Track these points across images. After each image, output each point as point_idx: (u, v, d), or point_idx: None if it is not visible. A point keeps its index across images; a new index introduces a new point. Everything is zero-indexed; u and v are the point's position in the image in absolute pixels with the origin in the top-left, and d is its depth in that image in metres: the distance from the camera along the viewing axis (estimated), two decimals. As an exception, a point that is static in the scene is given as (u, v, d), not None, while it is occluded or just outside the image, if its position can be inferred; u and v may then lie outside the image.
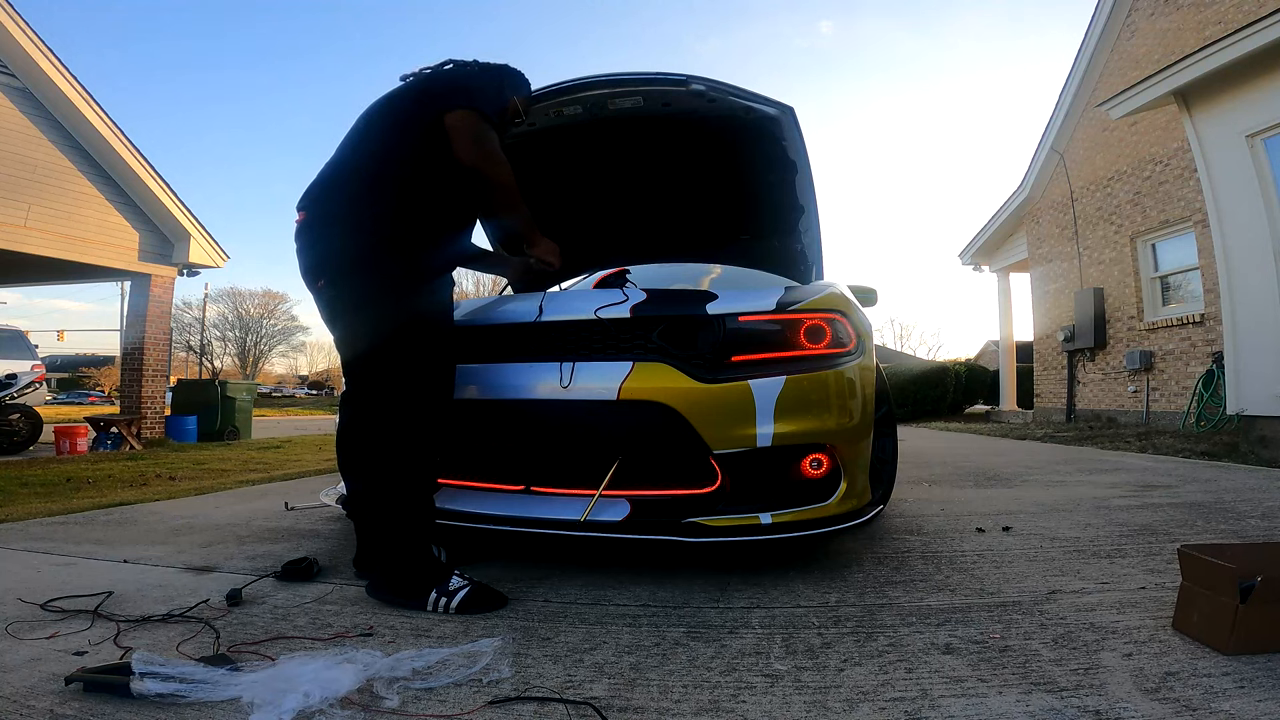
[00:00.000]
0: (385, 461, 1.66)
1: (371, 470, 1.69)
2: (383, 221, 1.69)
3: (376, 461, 1.67)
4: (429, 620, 1.53)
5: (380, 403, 1.70)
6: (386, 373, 1.70)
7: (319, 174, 1.82)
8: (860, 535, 2.30)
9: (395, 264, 1.68)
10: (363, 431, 1.75)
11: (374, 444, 1.69)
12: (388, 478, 1.66)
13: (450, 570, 1.65)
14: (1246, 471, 4.06)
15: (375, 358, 1.71)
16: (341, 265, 1.72)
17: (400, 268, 1.68)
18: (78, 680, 1.15)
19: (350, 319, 1.76)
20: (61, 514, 3.04)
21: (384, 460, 1.66)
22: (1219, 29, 6.78)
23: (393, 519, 1.65)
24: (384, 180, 1.72)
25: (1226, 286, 5.08)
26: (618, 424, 1.82)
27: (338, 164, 1.81)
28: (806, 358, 1.86)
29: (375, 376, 1.73)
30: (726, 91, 2.52)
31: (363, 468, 1.74)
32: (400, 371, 1.68)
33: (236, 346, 50.07)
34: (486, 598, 1.61)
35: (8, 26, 6.93)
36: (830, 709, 1.10)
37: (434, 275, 1.76)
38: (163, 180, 8.62)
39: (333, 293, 1.75)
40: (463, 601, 1.58)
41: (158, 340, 9.04)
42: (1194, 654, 1.28)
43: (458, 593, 1.59)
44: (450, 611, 1.56)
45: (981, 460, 5.10)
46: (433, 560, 1.67)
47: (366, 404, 1.75)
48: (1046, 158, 10.66)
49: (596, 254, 3.68)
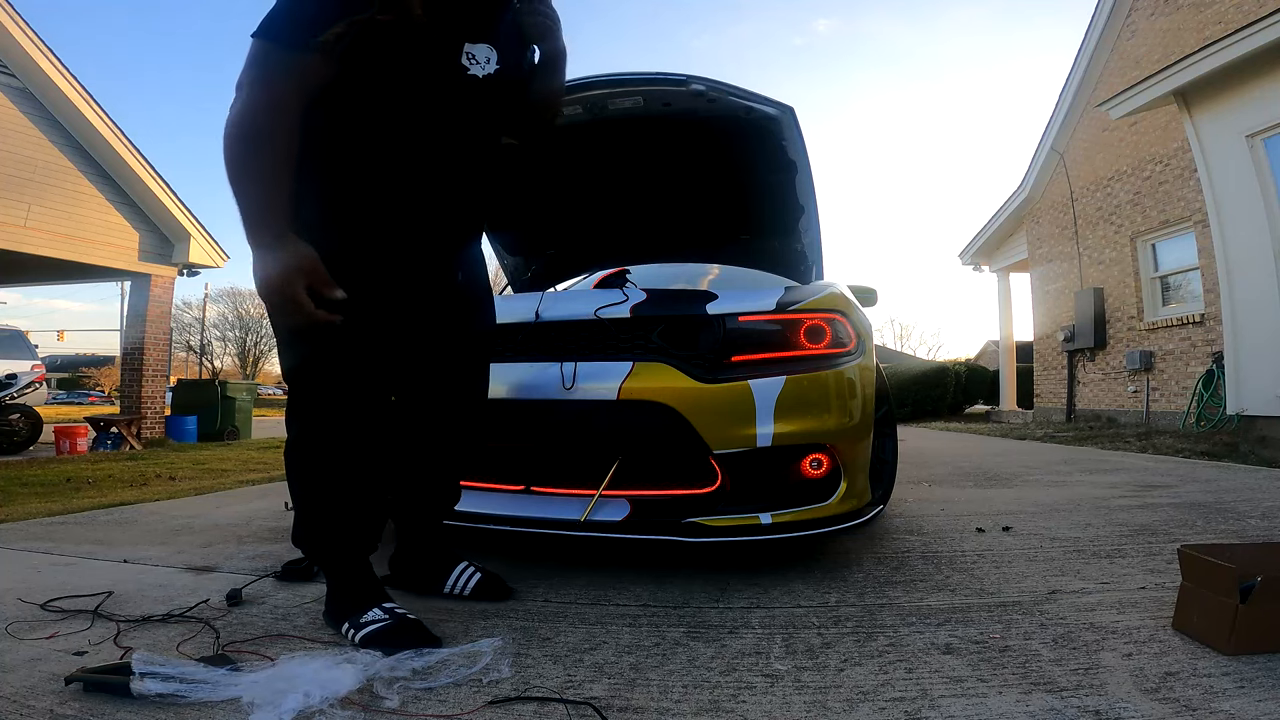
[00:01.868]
0: (434, 453, 1.68)
1: (419, 461, 1.68)
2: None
3: (428, 452, 1.68)
4: (429, 620, 1.53)
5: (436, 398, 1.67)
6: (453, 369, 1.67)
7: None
8: (860, 535, 2.30)
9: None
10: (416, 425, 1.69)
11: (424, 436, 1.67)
12: (432, 470, 1.69)
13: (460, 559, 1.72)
14: (1246, 471, 4.06)
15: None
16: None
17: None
18: (78, 680, 1.15)
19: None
20: (61, 514, 3.04)
21: (434, 451, 1.68)
22: (1219, 29, 6.78)
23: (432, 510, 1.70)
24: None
25: (1226, 286, 5.08)
26: (618, 424, 1.82)
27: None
28: (806, 358, 1.86)
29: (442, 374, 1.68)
30: (726, 91, 2.52)
31: (411, 461, 1.69)
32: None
33: (236, 346, 50.04)
34: (496, 586, 1.68)
35: (8, 26, 6.93)
36: (830, 709, 1.10)
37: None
38: (163, 180, 8.63)
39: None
40: (477, 586, 1.66)
41: (158, 340, 9.04)
42: (1194, 654, 1.28)
43: (472, 578, 1.66)
44: (465, 594, 1.65)
45: (981, 460, 5.10)
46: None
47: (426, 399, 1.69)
48: (1046, 158, 10.66)
49: (596, 254, 3.69)
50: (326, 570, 1.51)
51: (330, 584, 1.50)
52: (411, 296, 1.51)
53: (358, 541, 1.49)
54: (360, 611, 1.40)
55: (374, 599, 1.44)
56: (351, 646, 1.34)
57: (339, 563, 1.49)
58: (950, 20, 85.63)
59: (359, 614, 1.40)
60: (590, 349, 1.92)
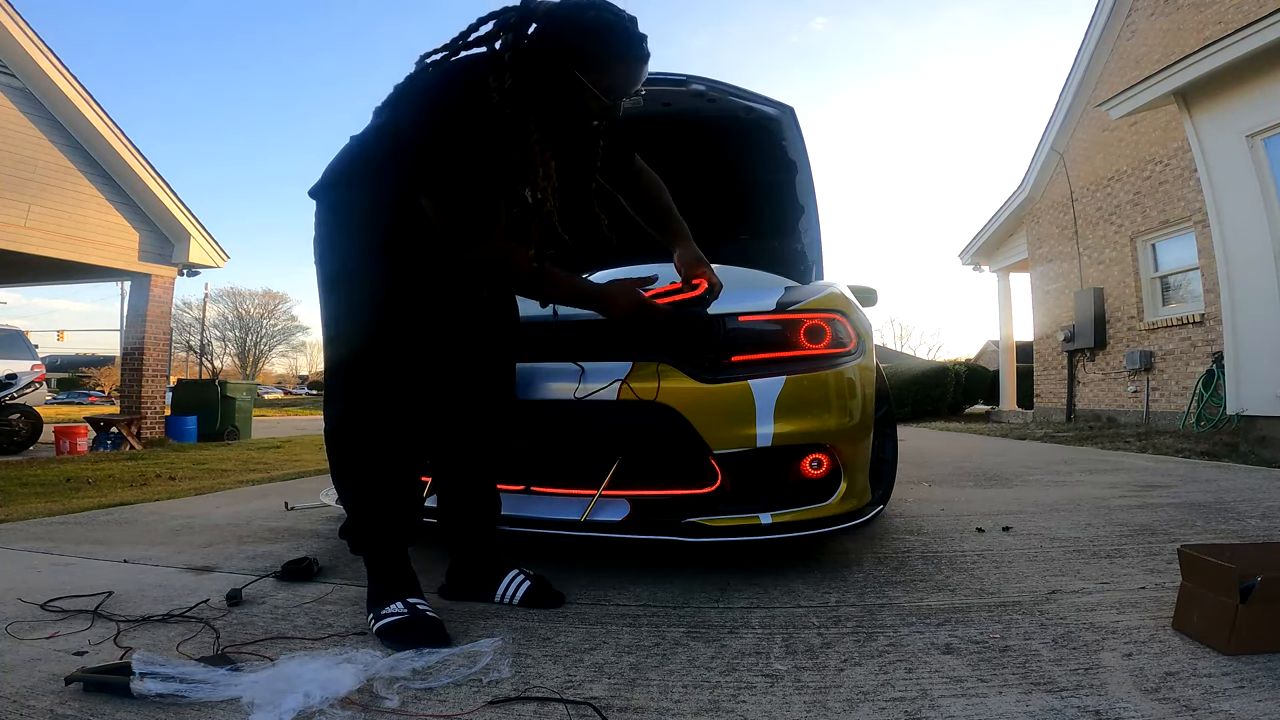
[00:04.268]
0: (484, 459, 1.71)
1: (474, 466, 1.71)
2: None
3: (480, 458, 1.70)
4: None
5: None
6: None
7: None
8: (860, 535, 2.30)
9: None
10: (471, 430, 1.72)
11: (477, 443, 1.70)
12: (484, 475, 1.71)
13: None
14: (1246, 471, 4.06)
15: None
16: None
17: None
18: (78, 680, 1.15)
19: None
20: (61, 514, 3.04)
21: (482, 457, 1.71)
22: (1219, 29, 6.78)
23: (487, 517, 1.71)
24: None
25: (1226, 286, 5.08)
26: (618, 424, 1.82)
27: None
28: (806, 358, 1.86)
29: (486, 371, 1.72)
30: (726, 91, 2.52)
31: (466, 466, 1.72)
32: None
33: (236, 346, 50.11)
34: (546, 593, 1.65)
35: (8, 26, 6.93)
36: (830, 709, 1.10)
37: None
38: (163, 180, 8.63)
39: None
40: (526, 594, 1.63)
41: (158, 340, 9.04)
42: (1194, 654, 1.28)
43: (521, 585, 1.64)
44: (515, 602, 1.62)
45: (982, 460, 5.10)
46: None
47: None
48: (1046, 158, 10.65)
49: (596, 254, 3.68)
50: (365, 560, 1.55)
51: (368, 574, 1.54)
52: (458, 306, 1.62)
53: (395, 533, 1.53)
54: (386, 603, 1.45)
55: (401, 592, 1.47)
56: (353, 645, 1.34)
57: (375, 553, 1.53)
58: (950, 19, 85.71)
59: (383, 605, 1.45)
60: (590, 348, 1.92)
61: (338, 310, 1.56)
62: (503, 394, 1.76)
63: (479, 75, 1.39)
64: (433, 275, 1.54)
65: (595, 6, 1.42)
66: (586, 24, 1.39)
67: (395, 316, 1.50)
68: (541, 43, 1.40)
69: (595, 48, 1.40)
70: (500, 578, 1.67)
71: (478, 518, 1.71)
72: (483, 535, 1.71)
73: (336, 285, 1.56)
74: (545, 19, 1.41)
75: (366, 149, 1.55)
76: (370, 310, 1.51)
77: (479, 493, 1.72)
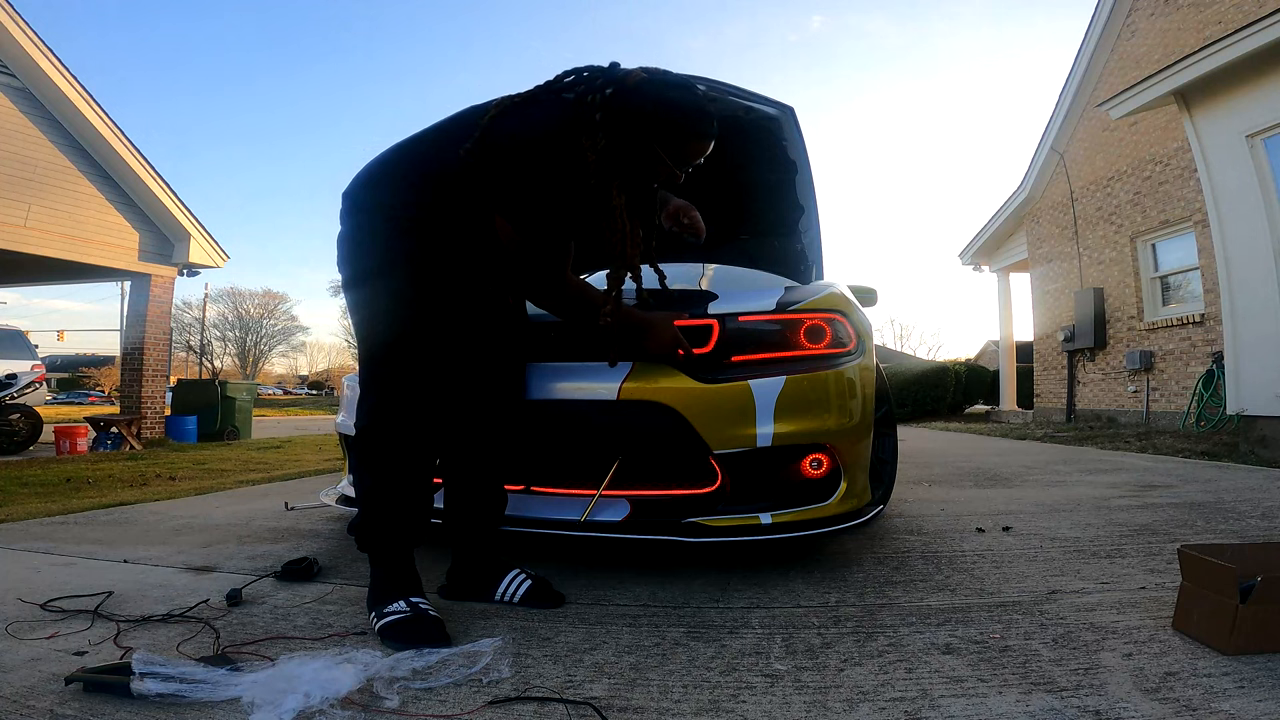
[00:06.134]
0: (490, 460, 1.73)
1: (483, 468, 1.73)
2: None
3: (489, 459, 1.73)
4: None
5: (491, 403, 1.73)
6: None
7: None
8: (860, 535, 2.30)
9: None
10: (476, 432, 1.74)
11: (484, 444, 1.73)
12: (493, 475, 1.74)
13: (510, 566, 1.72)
14: (1246, 471, 4.06)
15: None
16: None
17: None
18: (78, 680, 1.15)
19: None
20: (61, 514, 3.04)
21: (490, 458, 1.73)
22: (1219, 29, 6.78)
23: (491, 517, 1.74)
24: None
25: (1226, 286, 5.08)
26: (618, 424, 1.82)
27: None
28: (806, 358, 1.86)
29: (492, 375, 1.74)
30: (726, 91, 2.52)
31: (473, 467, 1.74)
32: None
33: (236, 346, 50.12)
34: (546, 593, 1.65)
35: (8, 26, 6.93)
36: (830, 709, 1.10)
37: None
38: (163, 180, 8.62)
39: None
40: (526, 593, 1.64)
41: (158, 340, 9.04)
42: (1194, 654, 1.28)
43: (522, 585, 1.65)
44: (515, 601, 1.63)
45: (981, 460, 5.10)
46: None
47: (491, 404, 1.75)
48: (1046, 158, 10.66)
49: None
50: (370, 557, 1.56)
51: (371, 572, 1.55)
52: (483, 307, 1.66)
53: (407, 530, 1.55)
54: (388, 602, 1.46)
55: (403, 591, 1.48)
56: (353, 645, 1.34)
57: (383, 550, 1.54)
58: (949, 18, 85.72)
59: (385, 604, 1.46)
60: (591, 348, 1.92)
61: (372, 308, 1.58)
62: (514, 394, 1.78)
63: (571, 130, 1.46)
64: (463, 277, 1.58)
65: (680, 87, 1.52)
66: (671, 102, 1.50)
67: (427, 314, 1.53)
68: (627, 111, 1.48)
69: (676, 126, 1.50)
70: (500, 578, 1.67)
71: (484, 517, 1.72)
72: (486, 535, 1.72)
73: (369, 282, 1.58)
74: (634, 91, 1.48)
75: (410, 155, 1.58)
76: (405, 308, 1.53)
77: (487, 492, 1.73)
